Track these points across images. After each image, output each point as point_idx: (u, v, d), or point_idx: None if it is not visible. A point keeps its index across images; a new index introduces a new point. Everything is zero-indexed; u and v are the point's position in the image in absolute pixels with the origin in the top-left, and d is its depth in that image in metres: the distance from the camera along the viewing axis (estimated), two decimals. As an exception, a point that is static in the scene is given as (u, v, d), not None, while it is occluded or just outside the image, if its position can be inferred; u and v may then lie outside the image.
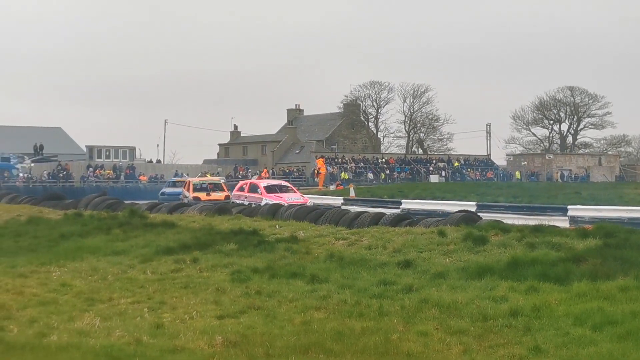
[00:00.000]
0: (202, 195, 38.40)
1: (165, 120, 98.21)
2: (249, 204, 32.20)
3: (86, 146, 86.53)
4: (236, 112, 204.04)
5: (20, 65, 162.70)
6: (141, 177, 73.16)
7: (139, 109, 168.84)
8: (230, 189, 40.61)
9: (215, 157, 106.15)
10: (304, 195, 35.99)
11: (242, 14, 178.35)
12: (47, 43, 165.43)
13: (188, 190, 40.23)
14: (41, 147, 78.15)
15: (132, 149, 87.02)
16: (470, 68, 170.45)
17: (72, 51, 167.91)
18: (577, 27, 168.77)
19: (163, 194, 46.08)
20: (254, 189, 35.76)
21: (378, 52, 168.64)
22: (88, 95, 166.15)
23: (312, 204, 31.78)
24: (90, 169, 72.13)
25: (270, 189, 34.82)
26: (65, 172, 68.96)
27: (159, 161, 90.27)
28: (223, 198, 37.35)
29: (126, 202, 31.66)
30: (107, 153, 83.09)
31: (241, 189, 37.18)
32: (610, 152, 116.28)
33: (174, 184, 48.31)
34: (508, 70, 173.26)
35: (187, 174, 65.76)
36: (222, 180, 45.73)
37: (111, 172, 72.75)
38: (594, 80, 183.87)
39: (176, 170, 74.99)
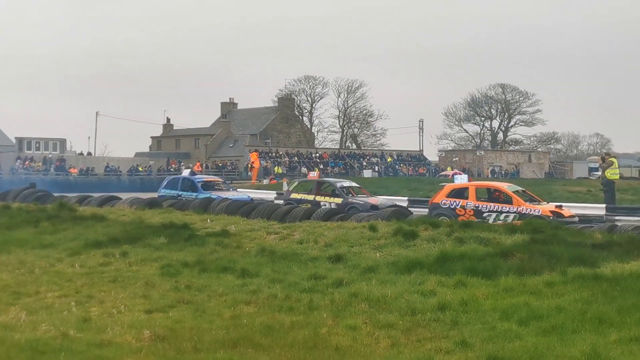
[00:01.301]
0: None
1: (97, 112, 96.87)
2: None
3: (16, 138, 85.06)
4: (169, 105, 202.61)
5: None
6: (71, 170, 72.16)
7: (71, 100, 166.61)
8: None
9: (148, 150, 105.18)
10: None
11: (176, 7, 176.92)
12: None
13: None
14: (-31, 139, 76.67)
15: (63, 141, 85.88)
16: (404, 64, 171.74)
17: None
18: (508, 25, 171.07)
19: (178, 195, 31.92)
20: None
21: (312, 46, 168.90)
22: (17, 86, 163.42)
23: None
24: (20, 161, 70.95)
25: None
26: (-7, 164, 67.73)
27: (89, 154, 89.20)
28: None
29: (56, 194, 31.18)
30: (37, 145, 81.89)
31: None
32: (540, 149, 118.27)
33: (208, 186, 33.19)
34: (441, 67, 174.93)
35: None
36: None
37: (41, 164, 71.67)
38: (525, 78, 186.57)
39: (189, 167, 58.98)
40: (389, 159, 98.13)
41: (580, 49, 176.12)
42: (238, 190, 35.87)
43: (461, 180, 26.52)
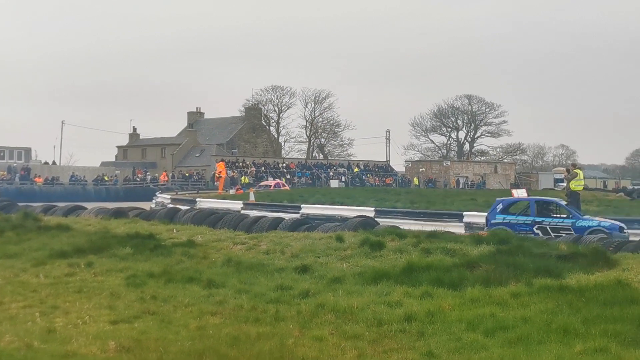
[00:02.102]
0: None
1: (62, 121, 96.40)
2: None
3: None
4: (135, 114, 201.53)
5: None
6: (36, 179, 71.61)
7: (36, 109, 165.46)
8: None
9: (114, 159, 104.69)
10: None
11: (141, 14, 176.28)
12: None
13: None
14: None
15: (28, 150, 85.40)
16: (371, 75, 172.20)
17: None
18: (475, 36, 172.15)
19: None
20: None
21: (280, 56, 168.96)
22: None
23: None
24: (-16, 170, 70.32)
25: None
26: (-44, 173, 67.06)
27: (55, 163, 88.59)
28: None
29: (20, 204, 30.94)
30: (2, 154, 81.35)
31: None
32: (506, 160, 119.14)
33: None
34: (408, 77, 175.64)
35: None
36: None
37: (5, 173, 71.06)
38: (491, 89, 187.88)
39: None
40: (356, 169, 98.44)
41: (545, 60, 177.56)
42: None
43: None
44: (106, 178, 77.36)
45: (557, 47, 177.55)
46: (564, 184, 36.50)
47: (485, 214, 25.97)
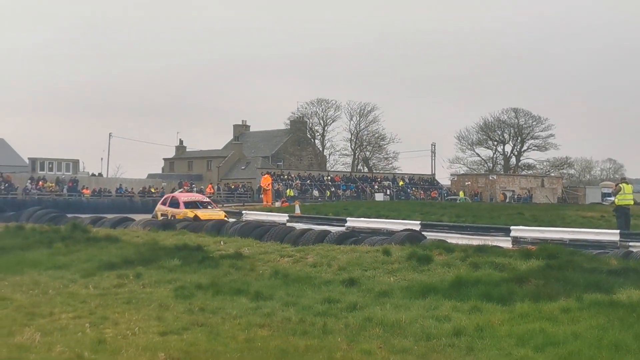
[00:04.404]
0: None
1: (110, 133, 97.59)
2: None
3: (29, 158, 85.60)
4: (182, 127, 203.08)
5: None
6: (84, 191, 72.36)
7: (84, 121, 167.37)
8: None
9: (160, 171, 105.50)
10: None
11: (191, 29, 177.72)
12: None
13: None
14: (-18, 159, 77.00)
15: (76, 162, 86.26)
16: (417, 88, 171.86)
17: (14, 62, 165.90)
18: (523, 49, 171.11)
19: None
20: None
21: (326, 69, 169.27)
22: (31, 107, 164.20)
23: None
24: (33, 182, 71.19)
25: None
26: (6, 184, 67.99)
27: (102, 175, 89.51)
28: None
29: (69, 215, 31.27)
30: (50, 165, 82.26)
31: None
32: (552, 174, 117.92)
33: None
34: (454, 90, 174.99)
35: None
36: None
37: (54, 184, 71.89)
38: (538, 102, 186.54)
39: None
40: (401, 183, 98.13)
41: (593, 73, 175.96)
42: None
43: None
44: (153, 190, 77.93)
45: (604, 60, 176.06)
46: (612, 199, 36.09)
47: (534, 228, 25.72)
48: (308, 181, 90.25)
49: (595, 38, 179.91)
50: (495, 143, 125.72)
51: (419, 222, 31.15)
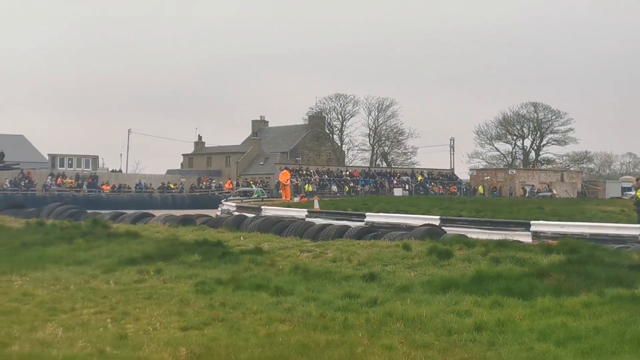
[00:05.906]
0: None
1: (129, 129, 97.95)
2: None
3: (49, 154, 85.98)
4: (201, 123, 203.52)
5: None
6: (104, 187, 72.67)
7: (103, 118, 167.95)
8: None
9: (179, 167, 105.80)
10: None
11: (211, 25, 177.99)
12: (8, 51, 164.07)
13: None
14: (2, 155, 77.41)
15: (95, 158, 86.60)
16: (436, 83, 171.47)
17: (35, 59, 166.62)
18: (541, 44, 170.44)
19: None
20: None
21: (344, 64, 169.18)
22: (51, 104, 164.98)
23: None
24: (53, 178, 71.53)
25: None
26: (27, 181, 68.43)
27: (121, 170, 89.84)
28: None
29: (89, 211, 31.40)
30: (70, 162, 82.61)
31: None
32: (572, 169, 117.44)
33: None
34: (472, 85, 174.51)
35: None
36: None
37: (73, 181, 72.22)
38: (557, 96, 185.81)
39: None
40: (420, 178, 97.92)
41: (614, 68, 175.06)
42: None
43: None
44: (172, 186, 78.17)
45: (625, 55, 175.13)
46: (632, 193, 35.89)
47: (554, 222, 25.61)
48: (326, 176, 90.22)
49: (611, 34, 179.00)
50: (515, 137, 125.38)
51: (438, 217, 31.02)
